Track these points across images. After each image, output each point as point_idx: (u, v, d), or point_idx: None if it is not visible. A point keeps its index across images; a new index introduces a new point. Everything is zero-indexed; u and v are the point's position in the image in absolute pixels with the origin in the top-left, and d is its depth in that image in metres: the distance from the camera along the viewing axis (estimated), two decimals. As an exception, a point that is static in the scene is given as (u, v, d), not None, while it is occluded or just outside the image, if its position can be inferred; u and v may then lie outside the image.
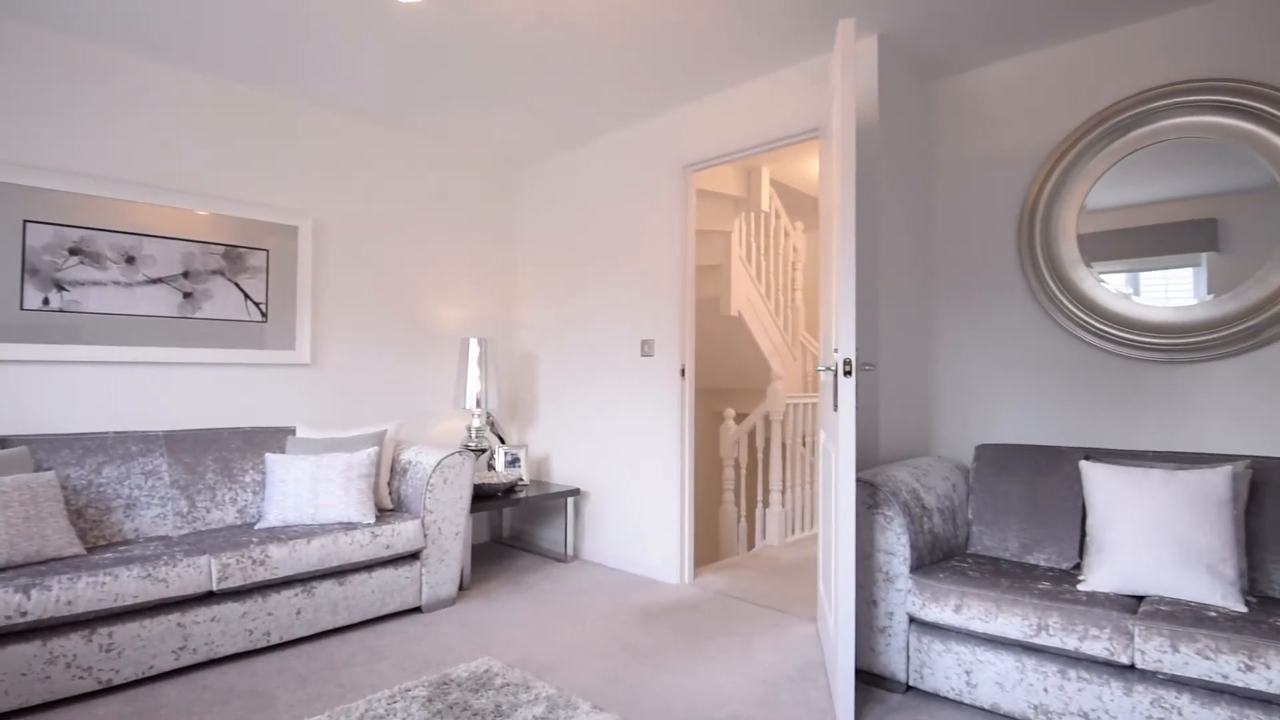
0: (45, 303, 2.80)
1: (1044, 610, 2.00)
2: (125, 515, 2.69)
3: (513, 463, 4.11)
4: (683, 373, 3.52)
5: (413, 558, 3.03)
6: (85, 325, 2.89)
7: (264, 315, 3.40)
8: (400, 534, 2.93)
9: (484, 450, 3.92)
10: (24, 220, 2.76)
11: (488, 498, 3.65)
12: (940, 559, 2.45)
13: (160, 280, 3.09)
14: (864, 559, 2.37)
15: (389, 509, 3.18)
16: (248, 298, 3.34)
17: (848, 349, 2.05)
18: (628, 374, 3.79)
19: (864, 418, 2.84)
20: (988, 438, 2.99)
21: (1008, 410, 2.93)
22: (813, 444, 4.88)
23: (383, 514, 3.07)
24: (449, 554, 3.12)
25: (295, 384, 3.52)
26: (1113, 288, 2.66)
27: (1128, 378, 2.64)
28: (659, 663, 2.55)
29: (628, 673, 2.47)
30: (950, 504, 2.57)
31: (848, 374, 2.05)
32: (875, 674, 2.36)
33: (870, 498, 2.35)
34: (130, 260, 3.01)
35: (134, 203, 3.01)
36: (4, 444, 2.55)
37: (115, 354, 2.95)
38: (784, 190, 5.47)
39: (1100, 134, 2.68)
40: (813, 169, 4.97)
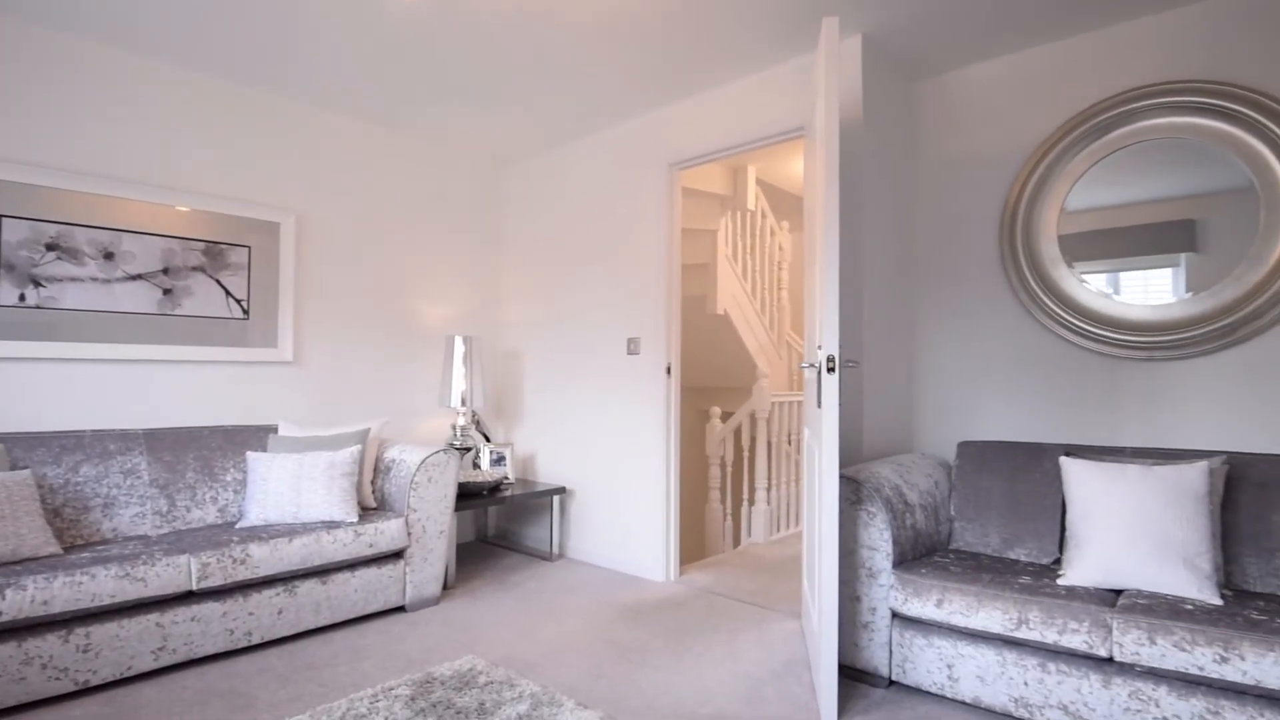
0: (21, 299, 2.76)
1: (1024, 604, 2.02)
2: (103, 514, 2.66)
3: (498, 461, 4.10)
4: (668, 371, 3.52)
5: (396, 557, 3.01)
6: (63, 322, 2.85)
7: (245, 312, 3.36)
8: (384, 533, 2.91)
9: (469, 449, 3.90)
10: (-1, 215, 2.71)
11: (473, 496, 3.63)
12: (923, 555, 2.47)
13: (140, 276, 3.05)
14: (847, 555, 2.38)
15: (373, 508, 3.16)
16: (229, 295, 3.31)
17: (831, 345, 2.06)
18: (614, 372, 3.79)
19: (847, 415, 2.85)
20: (970, 434, 3.01)
21: (990, 407, 2.96)
22: (798, 442, 4.89)
23: (366, 513, 3.05)
24: (433, 553, 3.10)
25: (277, 382, 3.49)
26: (1093, 287, 2.69)
27: (1108, 375, 2.67)
28: (644, 660, 2.55)
29: (612, 670, 2.47)
30: (933, 500, 2.59)
31: (831, 371, 2.06)
32: (858, 669, 2.37)
33: (854, 494, 2.36)
34: (109, 256, 2.97)
35: (112, 198, 2.97)
36: (-22, 442, 2.51)
37: (93, 351, 2.91)
38: (770, 190, 5.49)
39: (1080, 134, 2.71)
40: (798, 169, 4.99)
